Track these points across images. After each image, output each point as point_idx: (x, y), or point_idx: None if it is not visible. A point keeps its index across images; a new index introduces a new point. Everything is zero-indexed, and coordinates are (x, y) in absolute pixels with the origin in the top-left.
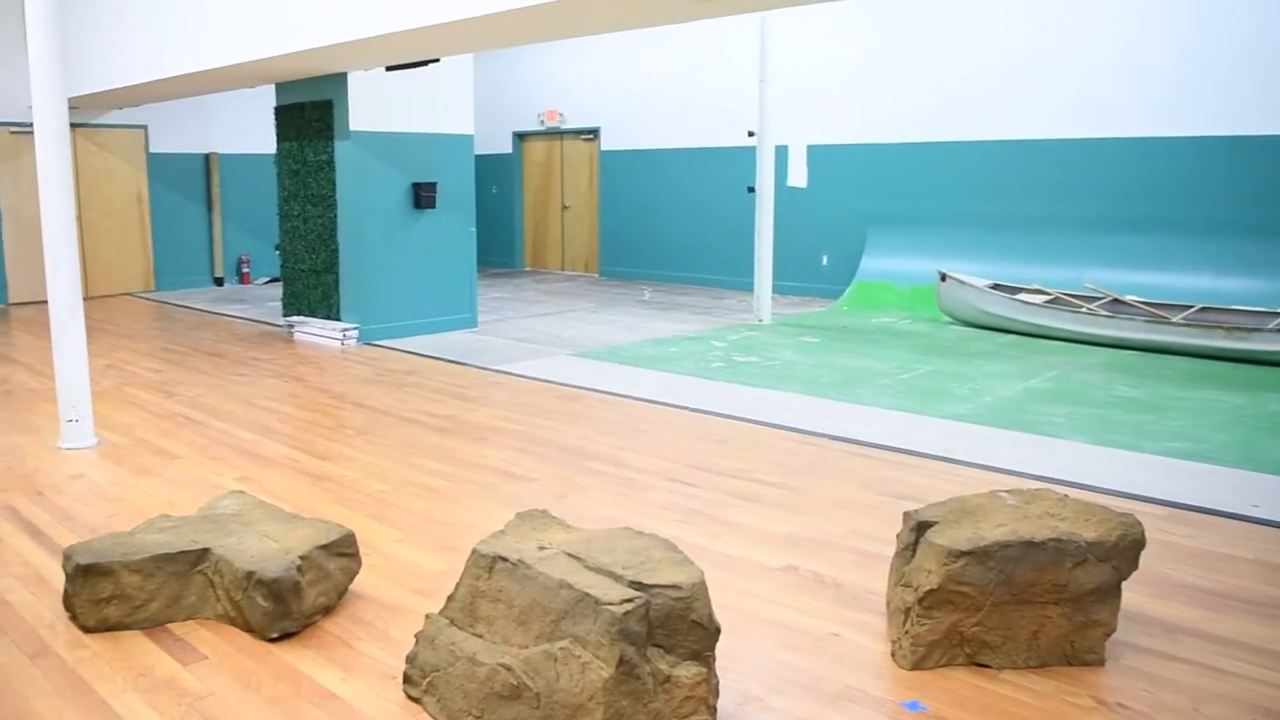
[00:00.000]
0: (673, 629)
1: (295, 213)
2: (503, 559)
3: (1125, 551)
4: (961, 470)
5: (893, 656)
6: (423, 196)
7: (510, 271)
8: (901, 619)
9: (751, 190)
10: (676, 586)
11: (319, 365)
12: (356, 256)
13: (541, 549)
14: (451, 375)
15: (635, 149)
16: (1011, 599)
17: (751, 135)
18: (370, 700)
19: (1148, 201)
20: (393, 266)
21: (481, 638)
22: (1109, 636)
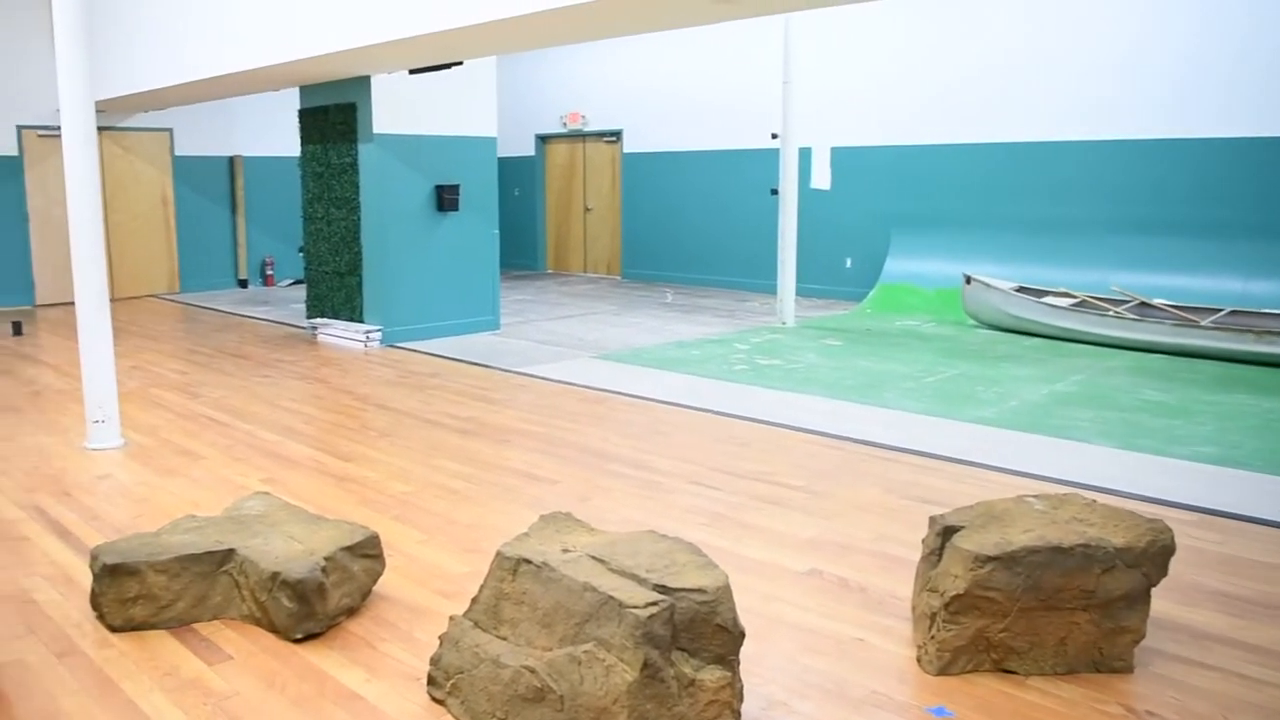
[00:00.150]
0: (697, 632)
1: (319, 215)
2: (527, 561)
3: (1155, 557)
4: (986, 474)
5: (918, 662)
6: (445, 199)
7: (532, 274)
8: (927, 624)
9: (774, 192)
10: (701, 590)
11: (342, 367)
12: (380, 259)
13: (565, 551)
14: (474, 377)
15: (658, 151)
16: (1039, 605)
17: (775, 138)
18: (394, 702)
19: (1175, 204)
20: (416, 269)
21: (505, 640)
22: (1138, 643)
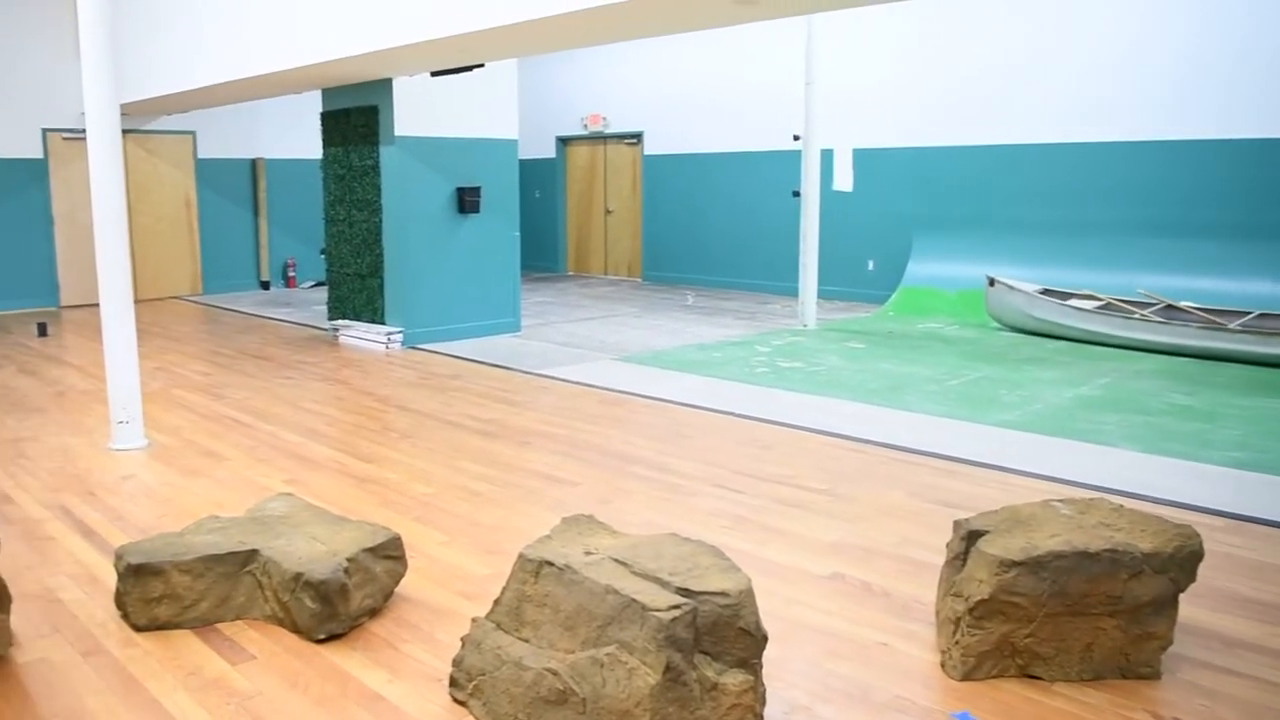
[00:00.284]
0: (720, 636)
1: (341, 217)
2: (549, 563)
3: (1183, 563)
4: (1010, 478)
5: (942, 667)
6: (467, 201)
7: (553, 276)
8: (951, 629)
9: (796, 194)
10: (724, 593)
11: (364, 369)
12: (401, 261)
13: (588, 554)
14: (495, 379)
15: (679, 153)
16: (1065, 610)
17: (797, 139)
18: (416, 702)
19: (1202, 205)
20: (437, 271)
21: (528, 642)
22: (1165, 650)
